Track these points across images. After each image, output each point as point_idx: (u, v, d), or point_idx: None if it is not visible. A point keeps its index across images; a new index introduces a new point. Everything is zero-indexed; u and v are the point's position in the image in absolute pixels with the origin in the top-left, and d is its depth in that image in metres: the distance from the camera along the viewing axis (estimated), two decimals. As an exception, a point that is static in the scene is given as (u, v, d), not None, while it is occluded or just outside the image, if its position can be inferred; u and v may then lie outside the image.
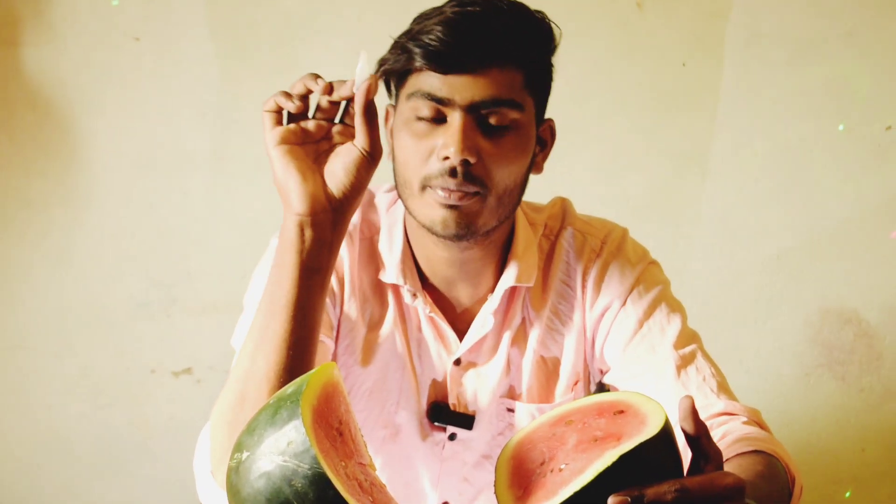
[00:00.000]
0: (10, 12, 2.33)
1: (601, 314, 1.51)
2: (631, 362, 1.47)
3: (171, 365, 2.53)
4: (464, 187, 1.31)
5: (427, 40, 1.30)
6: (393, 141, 1.41)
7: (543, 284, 1.53)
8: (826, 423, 2.62)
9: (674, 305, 1.50)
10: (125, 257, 2.46)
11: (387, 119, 1.45)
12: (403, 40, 1.34)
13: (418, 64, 1.31)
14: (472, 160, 1.31)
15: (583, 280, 1.52)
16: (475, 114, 1.31)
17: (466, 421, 1.52)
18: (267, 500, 0.91)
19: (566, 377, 1.53)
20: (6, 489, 2.56)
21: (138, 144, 2.42)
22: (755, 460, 1.22)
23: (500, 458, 1.04)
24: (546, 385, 1.54)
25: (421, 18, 1.35)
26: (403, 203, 1.40)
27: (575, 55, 1.44)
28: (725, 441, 1.29)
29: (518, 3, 1.37)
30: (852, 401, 2.61)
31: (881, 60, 2.45)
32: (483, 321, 1.49)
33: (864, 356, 2.59)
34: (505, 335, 1.51)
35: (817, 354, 2.59)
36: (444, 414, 1.52)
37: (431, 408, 1.52)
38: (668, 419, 0.95)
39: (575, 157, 2.43)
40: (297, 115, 1.19)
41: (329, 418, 0.98)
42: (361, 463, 1.00)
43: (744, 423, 1.34)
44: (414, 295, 1.47)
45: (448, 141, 1.31)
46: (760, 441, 1.27)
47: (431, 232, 1.37)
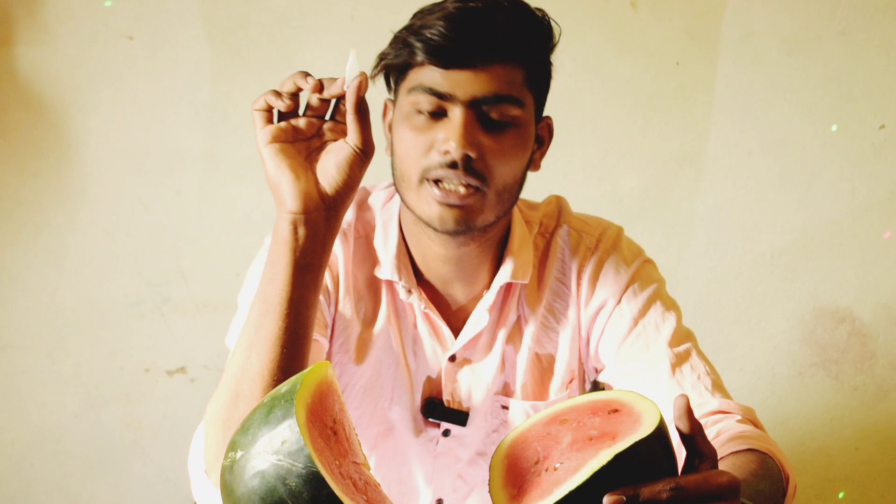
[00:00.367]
0: (4, 11, 2.33)
1: (596, 312, 1.51)
2: (625, 360, 1.47)
3: (165, 364, 2.53)
4: (463, 179, 1.31)
5: (429, 35, 1.30)
6: (392, 135, 1.41)
7: (538, 282, 1.53)
8: (820, 422, 2.63)
9: (668, 304, 1.51)
10: (118, 256, 2.46)
11: (384, 113, 1.44)
12: (404, 35, 1.34)
13: (420, 59, 1.32)
14: (473, 155, 1.31)
15: (578, 278, 1.52)
16: (476, 109, 1.32)
17: (460, 417, 1.52)
18: (261, 499, 0.91)
19: (561, 375, 1.53)
20: (-1, 489, 2.56)
21: (131, 143, 2.41)
22: (749, 459, 1.22)
23: (495, 457, 1.04)
24: (540, 382, 1.54)
25: (422, 14, 1.35)
26: (401, 197, 1.40)
27: (569, 54, 1.44)
28: (720, 439, 1.29)
29: (518, 0, 1.37)
30: (846, 399, 2.61)
31: (875, 59, 2.45)
32: (478, 318, 1.49)
33: (858, 355, 2.59)
34: (500, 332, 1.52)
35: (811, 353, 2.59)
36: (439, 410, 1.52)
37: (426, 404, 1.52)
38: (663, 418, 0.95)
39: (569, 156, 2.43)
40: (288, 113, 1.19)
41: (323, 417, 0.98)
42: (356, 462, 1.00)
43: (738, 422, 1.34)
44: (409, 291, 1.47)
45: (449, 135, 1.31)
46: (755, 439, 1.27)
47: (429, 227, 1.37)
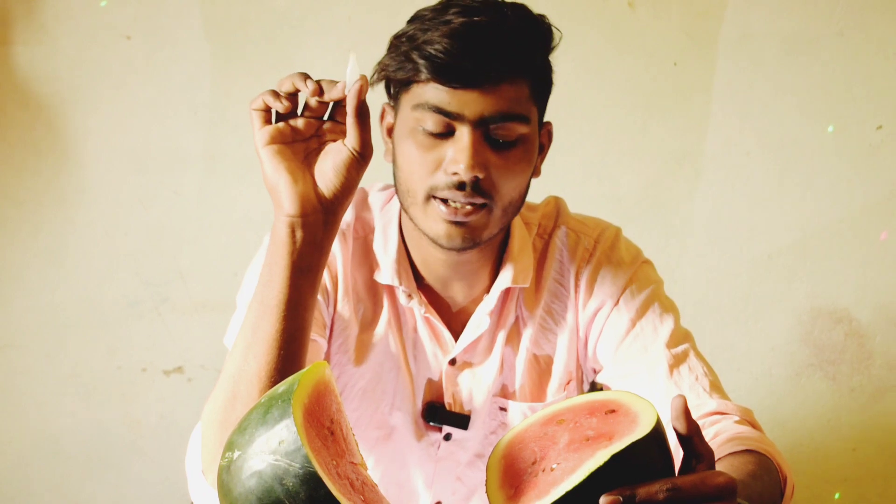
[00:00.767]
0: (2, 11, 2.32)
1: (594, 313, 1.51)
2: (623, 361, 1.47)
3: (163, 364, 2.53)
4: (471, 199, 1.31)
5: (433, 51, 1.27)
6: (392, 143, 1.40)
7: (537, 284, 1.53)
8: (817, 423, 2.63)
9: (666, 305, 1.50)
10: (117, 256, 2.46)
11: (382, 117, 1.43)
12: (406, 48, 1.31)
13: (424, 76, 1.29)
14: (482, 176, 1.30)
15: (576, 279, 1.52)
16: (483, 128, 1.30)
17: (462, 421, 1.51)
18: (258, 500, 0.91)
19: (558, 376, 1.53)
20: (-3, 488, 2.56)
21: (130, 143, 2.41)
22: (747, 459, 1.22)
23: (492, 458, 1.04)
24: (538, 384, 1.53)
25: (421, 21, 1.31)
26: (405, 210, 1.39)
27: (567, 54, 1.43)
28: (717, 440, 1.29)
29: (521, 8, 1.34)
30: (843, 400, 2.61)
31: (872, 60, 2.45)
32: (479, 321, 1.48)
33: (855, 355, 2.59)
34: (500, 335, 1.51)
35: (808, 354, 2.59)
36: (440, 414, 1.51)
37: (427, 408, 1.52)
38: (660, 418, 0.95)
39: (568, 156, 2.43)
40: (286, 114, 1.18)
41: (320, 417, 0.98)
42: (353, 462, 1.00)
43: (736, 423, 1.34)
44: (409, 296, 1.47)
45: (458, 157, 1.29)
46: (752, 440, 1.27)
47: (435, 244, 1.37)
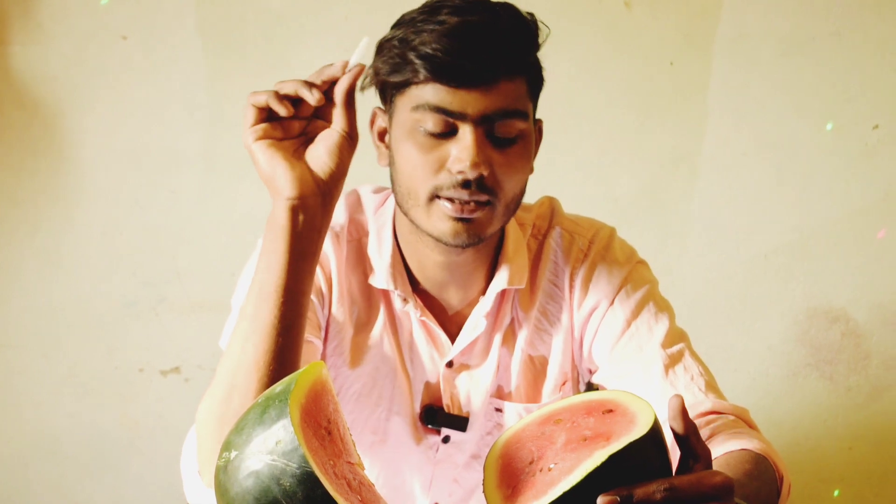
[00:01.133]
0: (-2, 10, 2.33)
1: (589, 314, 1.51)
2: (619, 361, 1.47)
3: (160, 364, 2.53)
4: (475, 197, 1.31)
5: (430, 51, 1.27)
6: (388, 147, 1.39)
7: (531, 284, 1.52)
8: (813, 422, 2.63)
9: (661, 305, 1.50)
10: (114, 256, 2.46)
11: (372, 122, 1.42)
12: (399, 50, 1.30)
13: (422, 77, 1.28)
14: (486, 173, 1.30)
15: (570, 280, 1.52)
16: (485, 126, 1.30)
17: (461, 423, 1.51)
18: (255, 500, 0.91)
19: (553, 377, 1.53)
20: (-7, 489, 2.56)
21: (127, 143, 2.41)
22: (743, 459, 1.22)
23: (489, 458, 1.04)
24: (534, 384, 1.54)
25: (410, 24, 1.31)
26: (405, 212, 1.38)
27: (563, 54, 1.43)
28: (713, 440, 1.29)
29: (510, 7, 1.34)
30: (840, 400, 2.62)
31: (869, 60, 2.45)
32: (475, 323, 1.48)
33: (852, 355, 2.60)
34: (496, 336, 1.51)
35: (805, 354, 2.60)
36: (439, 416, 1.51)
37: (425, 411, 1.52)
38: (657, 418, 0.95)
39: (564, 157, 2.43)
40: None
41: (318, 417, 0.98)
42: (350, 462, 1.00)
43: (732, 422, 1.34)
44: (405, 300, 1.47)
45: (462, 155, 1.29)
46: (749, 440, 1.27)
47: (440, 242, 1.36)
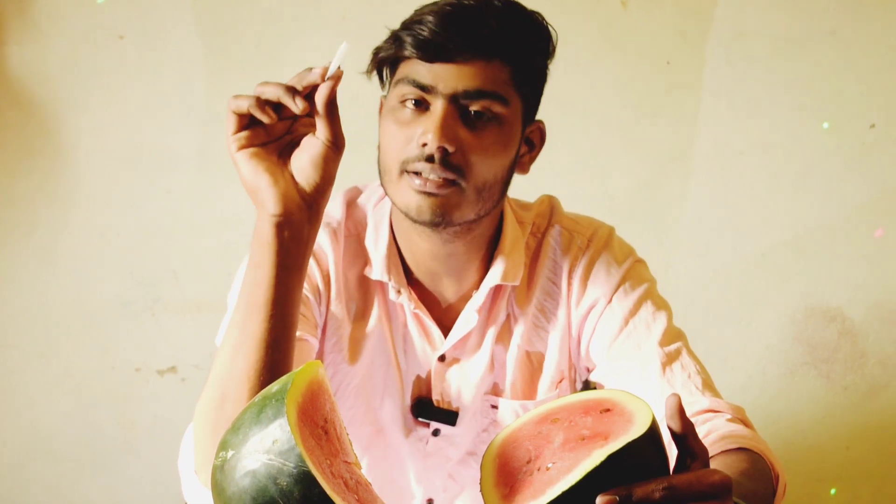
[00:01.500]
0: (-7, 9, 2.33)
1: (587, 312, 1.51)
2: (616, 359, 1.47)
3: (156, 364, 2.52)
4: (439, 173, 1.32)
5: (418, 30, 1.32)
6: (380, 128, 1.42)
7: (529, 281, 1.53)
8: (810, 421, 2.63)
9: (659, 303, 1.51)
10: (110, 256, 2.45)
11: (381, 110, 1.45)
12: (398, 30, 1.36)
13: (407, 52, 1.33)
14: (451, 149, 1.31)
15: (569, 278, 1.52)
16: (457, 103, 1.33)
17: (450, 417, 1.52)
18: (252, 499, 0.91)
19: (550, 374, 1.53)
20: (-11, 489, 2.56)
21: (123, 143, 2.41)
22: (740, 458, 1.22)
23: (486, 456, 1.03)
24: (530, 381, 1.54)
25: (420, 10, 1.36)
26: (384, 189, 1.41)
27: (559, 53, 1.43)
28: (710, 438, 1.29)
29: (513, 1, 1.37)
30: (837, 399, 2.62)
31: (865, 59, 2.45)
32: (467, 318, 1.49)
33: (849, 354, 2.60)
34: (489, 332, 1.51)
35: (802, 353, 2.60)
36: (428, 409, 1.52)
37: (415, 403, 1.52)
38: (655, 418, 0.95)
39: (560, 155, 2.43)
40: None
41: (314, 417, 0.98)
42: (347, 461, 1.00)
43: (728, 421, 1.34)
44: (398, 291, 1.47)
45: (427, 128, 1.32)
46: (745, 438, 1.27)
47: (408, 217, 1.37)
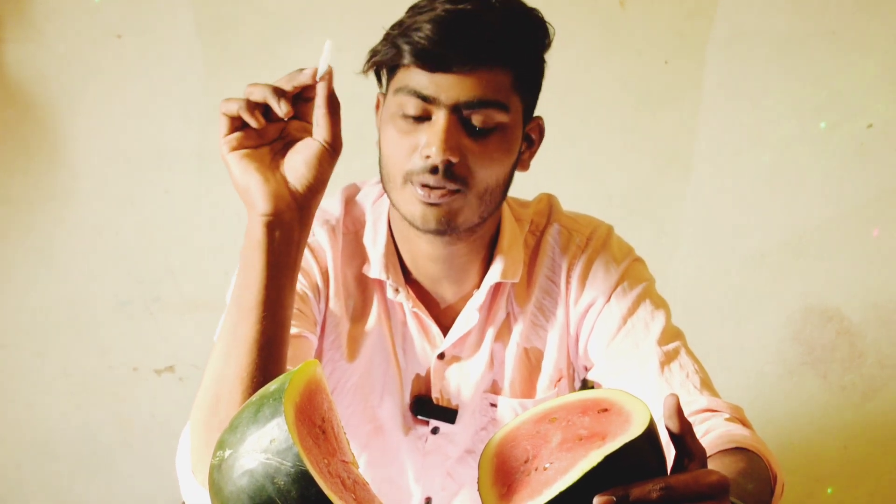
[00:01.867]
0: (-9, 8, 2.32)
1: (585, 310, 1.51)
2: (614, 358, 1.48)
3: (154, 363, 2.52)
4: (444, 184, 1.31)
5: (416, 38, 1.28)
6: (380, 132, 1.41)
7: (528, 280, 1.53)
8: (808, 421, 2.63)
9: (658, 302, 1.51)
10: (107, 255, 2.45)
11: (377, 106, 1.44)
12: (394, 34, 1.33)
13: (406, 61, 1.31)
14: (455, 160, 1.30)
15: (567, 276, 1.52)
16: (459, 114, 1.31)
17: (449, 415, 1.52)
18: (250, 498, 0.91)
19: (548, 372, 1.53)
20: (-13, 488, 2.55)
21: (121, 142, 2.41)
22: (738, 458, 1.22)
23: (484, 455, 1.03)
24: (528, 379, 1.54)
25: (413, 12, 1.33)
26: (387, 195, 1.40)
27: (557, 53, 1.43)
28: (708, 438, 1.29)
29: (510, 1, 1.35)
30: (834, 398, 2.62)
31: (863, 59, 2.46)
32: (468, 317, 1.49)
33: (846, 354, 2.60)
34: (489, 330, 1.52)
35: (799, 352, 2.60)
36: (427, 407, 1.52)
37: (415, 401, 1.52)
38: (653, 418, 0.95)
39: (559, 155, 2.43)
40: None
41: (312, 416, 0.98)
42: (344, 460, 1.00)
43: (726, 420, 1.34)
44: (396, 290, 1.47)
45: (431, 140, 1.30)
46: (743, 438, 1.27)
47: (412, 226, 1.37)
